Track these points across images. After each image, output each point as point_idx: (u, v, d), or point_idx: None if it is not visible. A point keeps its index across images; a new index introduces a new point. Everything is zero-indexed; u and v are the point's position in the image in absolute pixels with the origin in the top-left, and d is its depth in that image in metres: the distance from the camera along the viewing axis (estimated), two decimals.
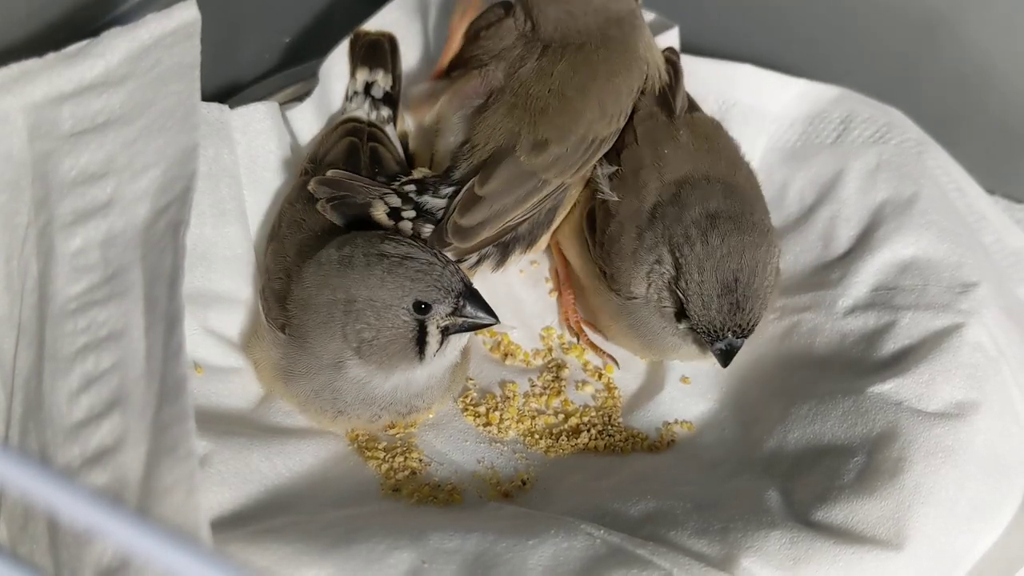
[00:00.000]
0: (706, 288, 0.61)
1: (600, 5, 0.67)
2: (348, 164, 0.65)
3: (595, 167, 0.67)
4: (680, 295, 0.62)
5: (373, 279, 0.55)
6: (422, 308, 0.56)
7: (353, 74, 0.73)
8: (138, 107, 0.55)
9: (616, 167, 0.67)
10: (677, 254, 0.62)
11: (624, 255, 0.65)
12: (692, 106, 0.71)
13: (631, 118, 0.68)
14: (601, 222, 0.67)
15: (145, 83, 0.56)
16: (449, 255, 0.60)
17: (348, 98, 0.72)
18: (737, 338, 0.62)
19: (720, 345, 0.62)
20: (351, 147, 0.67)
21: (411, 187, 0.64)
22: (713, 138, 0.68)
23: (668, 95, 0.69)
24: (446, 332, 0.57)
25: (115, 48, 0.57)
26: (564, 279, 0.71)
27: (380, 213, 0.62)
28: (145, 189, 0.53)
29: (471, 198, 0.63)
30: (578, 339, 0.70)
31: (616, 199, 0.66)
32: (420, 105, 0.70)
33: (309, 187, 0.62)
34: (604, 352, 0.69)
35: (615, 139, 0.67)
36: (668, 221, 0.63)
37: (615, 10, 0.67)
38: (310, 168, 0.66)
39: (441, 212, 0.63)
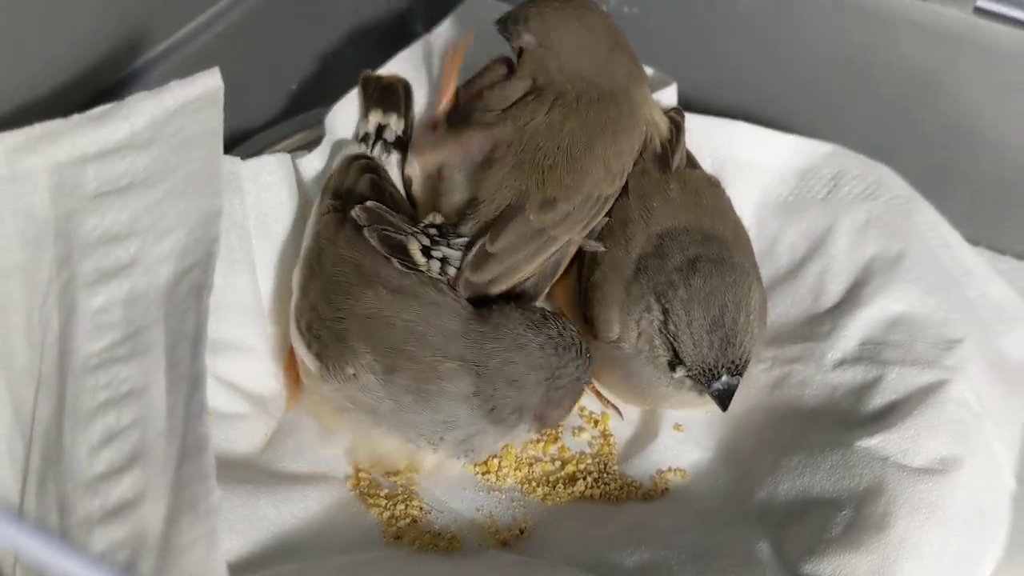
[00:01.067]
0: (695, 328, 0.63)
1: (608, 65, 0.69)
2: (376, 199, 0.66)
3: None
4: (670, 339, 0.63)
5: (572, 384, 0.63)
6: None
7: (366, 115, 0.73)
8: (162, 171, 0.57)
9: (606, 218, 0.69)
10: (663, 300, 0.64)
11: (605, 303, 0.67)
12: (691, 163, 0.74)
13: None
14: (586, 270, 0.69)
15: (169, 148, 0.57)
16: None
17: (359, 139, 0.73)
18: (732, 376, 0.63)
19: (717, 386, 0.63)
20: (374, 183, 0.67)
21: (434, 231, 0.65)
22: (702, 193, 0.70)
23: (667, 153, 0.71)
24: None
25: (140, 112, 0.58)
26: None
27: (415, 250, 0.63)
28: (168, 251, 0.55)
29: (483, 255, 0.64)
30: (618, 410, 0.71)
31: (603, 249, 0.68)
32: (421, 154, 0.72)
33: (352, 213, 0.62)
34: (608, 401, 0.71)
35: (617, 195, 0.69)
36: (652, 272, 0.65)
37: (622, 70, 0.69)
38: (336, 205, 0.66)
39: (458, 261, 0.65)
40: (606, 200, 0.67)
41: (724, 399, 0.64)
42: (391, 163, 0.72)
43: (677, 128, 0.72)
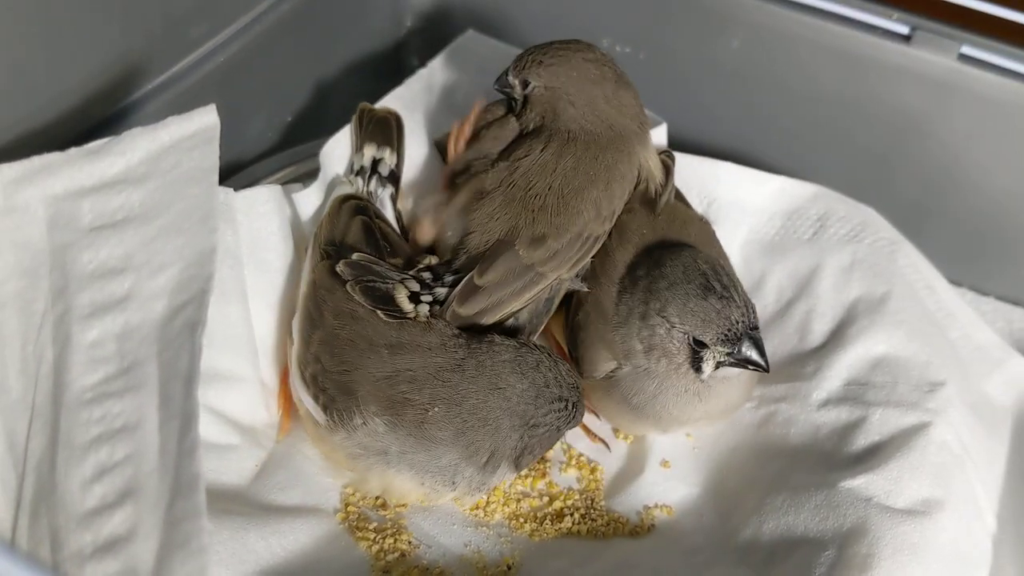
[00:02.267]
0: (692, 304, 0.63)
1: (616, 106, 0.70)
2: (369, 244, 0.67)
3: None
4: (681, 332, 0.64)
5: (549, 433, 0.64)
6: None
7: (360, 148, 0.74)
8: (157, 207, 0.57)
9: (593, 259, 0.69)
10: (653, 303, 0.64)
11: (589, 343, 0.68)
12: (681, 200, 0.74)
13: None
14: (572, 311, 0.69)
15: (164, 184, 0.58)
16: None
17: (353, 173, 0.73)
18: (752, 329, 0.63)
19: (745, 348, 0.63)
20: (366, 227, 0.68)
21: (427, 274, 0.66)
22: (689, 225, 0.71)
23: (656, 195, 0.72)
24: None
25: (136, 147, 0.59)
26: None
27: (402, 298, 0.63)
28: (163, 287, 0.55)
29: (470, 288, 0.65)
30: (607, 444, 0.72)
31: (586, 290, 0.68)
32: (425, 223, 0.71)
33: (337, 268, 0.63)
34: (596, 436, 0.72)
35: (606, 236, 0.70)
36: (630, 291, 0.66)
37: (629, 113, 0.70)
38: (332, 251, 0.67)
39: (444, 298, 0.65)
40: (595, 240, 0.68)
41: (760, 355, 0.63)
42: (385, 197, 0.73)
43: (667, 172, 0.73)
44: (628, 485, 0.70)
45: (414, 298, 0.64)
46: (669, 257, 0.66)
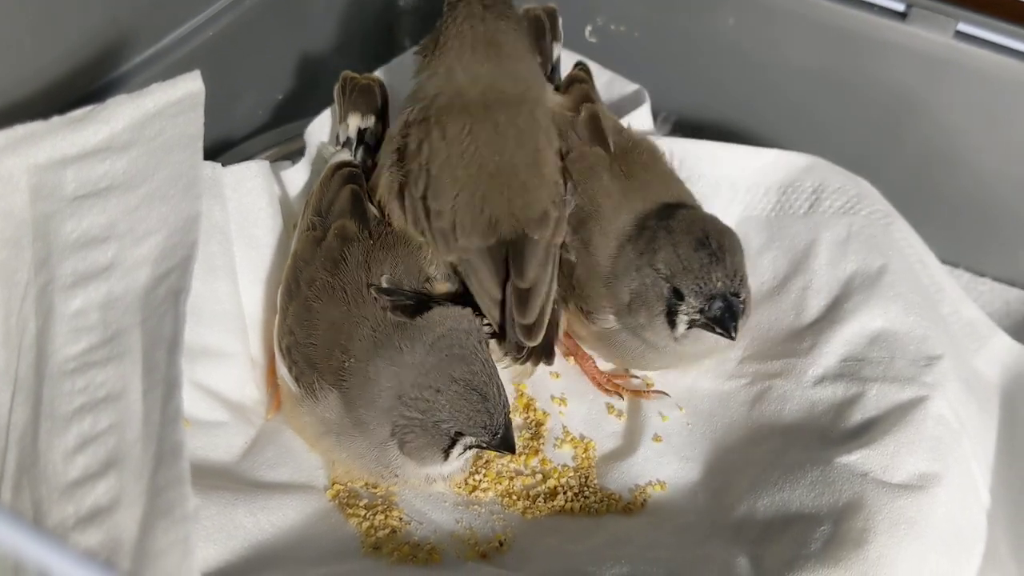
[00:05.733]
0: (683, 251, 0.64)
1: (499, 69, 0.70)
2: (354, 214, 0.66)
3: None
4: (664, 279, 0.65)
5: (441, 399, 0.58)
6: (460, 434, 0.59)
7: (344, 119, 0.73)
8: (141, 174, 0.57)
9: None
10: (653, 257, 0.65)
11: (594, 298, 0.68)
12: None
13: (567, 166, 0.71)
14: (567, 272, 0.70)
15: (148, 151, 0.57)
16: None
17: (340, 144, 0.72)
18: (732, 295, 0.64)
19: (717, 306, 0.64)
20: (354, 196, 0.67)
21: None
22: (649, 168, 0.72)
23: (599, 126, 0.72)
24: (468, 448, 0.60)
25: (120, 115, 0.58)
26: (572, 346, 0.74)
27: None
28: (146, 255, 0.54)
29: (521, 295, 0.65)
30: (622, 396, 0.72)
31: (573, 259, 0.69)
32: (394, 208, 0.70)
33: (372, 292, 0.61)
34: (650, 392, 0.72)
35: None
36: (631, 254, 0.67)
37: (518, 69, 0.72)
38: (317, 222, 0.66)
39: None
40: (566, 193, 0.69)
41: (727, 320, 0.64)
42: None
43: (584, 93, 0.74)
44: (622, 462, 0.69)
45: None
46: (681, 215, 0.67)
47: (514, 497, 0.66)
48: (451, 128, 0.68)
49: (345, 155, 0.71)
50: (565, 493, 0.67)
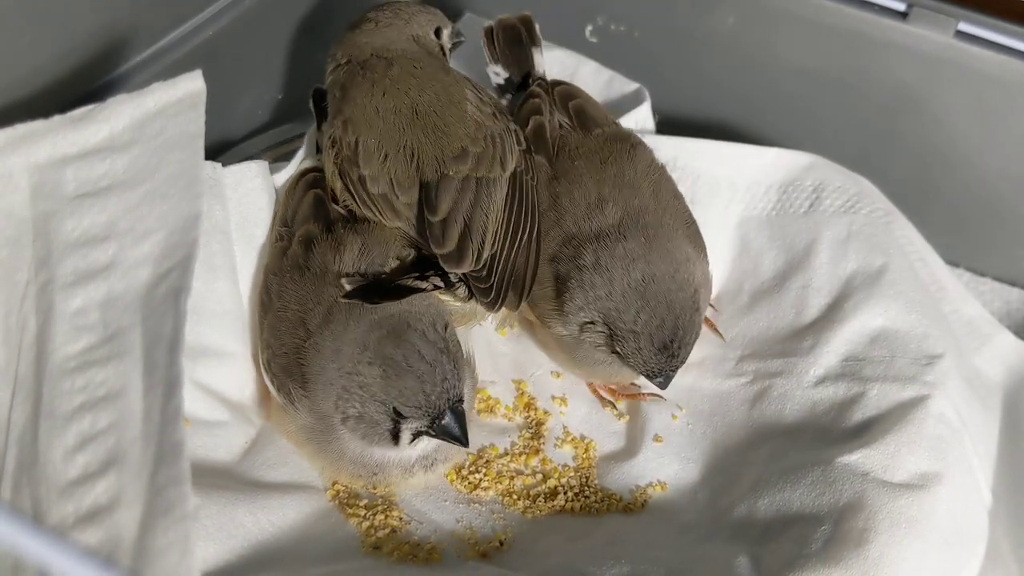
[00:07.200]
0: (644, 351, 0.63)
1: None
2: (317, 219, 0.66)
3: None
4: (618, 351, 0.64)
5: (374, 372, 0.57)
6: (399, 414, 0.58)
7: (320, 127, 0.73)
8: (141, 173, 0.57)
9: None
10: (607, 320, 0.64)
11: (545, 313, 0.68)
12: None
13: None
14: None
15: (149, 150, 0.57)
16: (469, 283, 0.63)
17: (318, 152, 0.72)
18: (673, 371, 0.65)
19: (659, 381, 0.66)
20: (316, 200, 0.67)
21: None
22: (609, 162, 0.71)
23: (541, 137, 0.72)
24: (418, 435, 0.59)
25: (120, 114, 0.58)
26: None
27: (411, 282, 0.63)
28: (147, 254, 0.54)
29: (434, 228, 0.64)
30: (614, 405, 0.72)
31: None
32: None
33: (340, 299, 0.61)
34: (643, 394, 0.72)
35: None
36: (587, 287, 0.65)
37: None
38: (284, 232, 0.67)
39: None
40: (502, 134, 0.69)
41: (664, 386, 0.66)
42: None
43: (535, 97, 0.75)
44: (622, 463, 0.69)
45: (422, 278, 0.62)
46: (649, 281, 0.64)
47: (514, 497, 0.66)
48: (361, 88, 0.69)
49: (309, 162, 0.71)
50: (565, 493, 0.67)
